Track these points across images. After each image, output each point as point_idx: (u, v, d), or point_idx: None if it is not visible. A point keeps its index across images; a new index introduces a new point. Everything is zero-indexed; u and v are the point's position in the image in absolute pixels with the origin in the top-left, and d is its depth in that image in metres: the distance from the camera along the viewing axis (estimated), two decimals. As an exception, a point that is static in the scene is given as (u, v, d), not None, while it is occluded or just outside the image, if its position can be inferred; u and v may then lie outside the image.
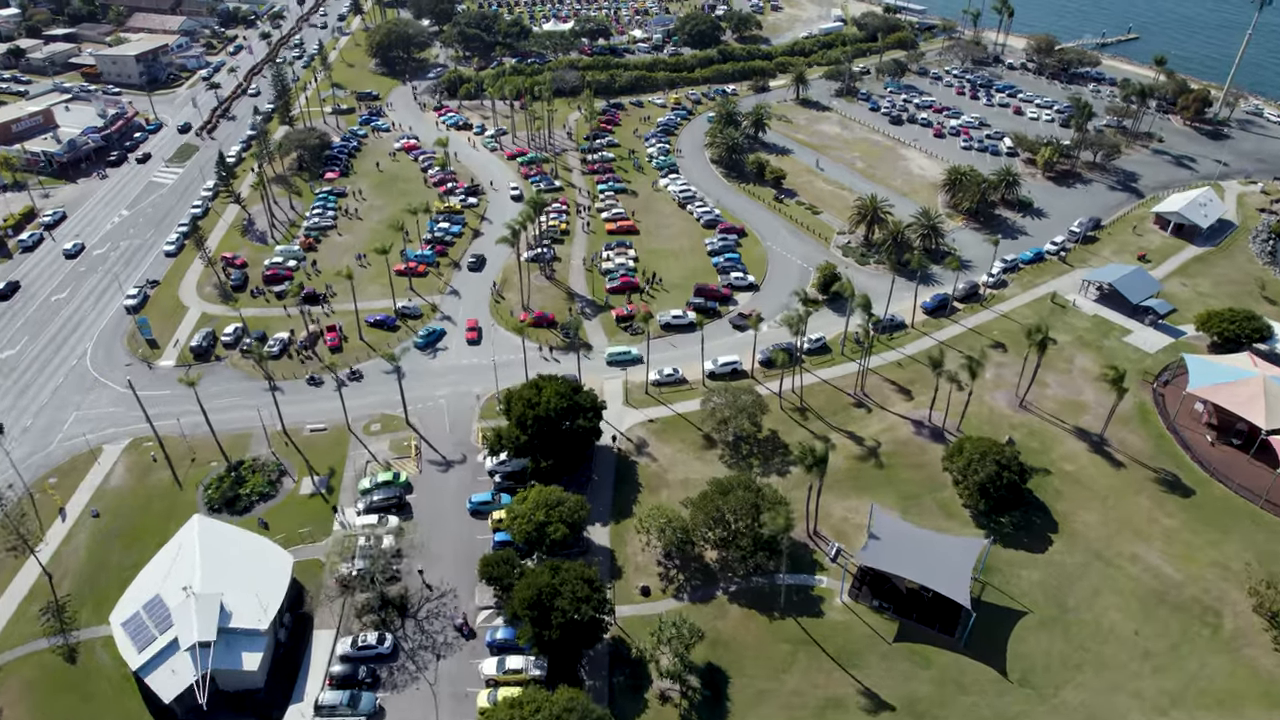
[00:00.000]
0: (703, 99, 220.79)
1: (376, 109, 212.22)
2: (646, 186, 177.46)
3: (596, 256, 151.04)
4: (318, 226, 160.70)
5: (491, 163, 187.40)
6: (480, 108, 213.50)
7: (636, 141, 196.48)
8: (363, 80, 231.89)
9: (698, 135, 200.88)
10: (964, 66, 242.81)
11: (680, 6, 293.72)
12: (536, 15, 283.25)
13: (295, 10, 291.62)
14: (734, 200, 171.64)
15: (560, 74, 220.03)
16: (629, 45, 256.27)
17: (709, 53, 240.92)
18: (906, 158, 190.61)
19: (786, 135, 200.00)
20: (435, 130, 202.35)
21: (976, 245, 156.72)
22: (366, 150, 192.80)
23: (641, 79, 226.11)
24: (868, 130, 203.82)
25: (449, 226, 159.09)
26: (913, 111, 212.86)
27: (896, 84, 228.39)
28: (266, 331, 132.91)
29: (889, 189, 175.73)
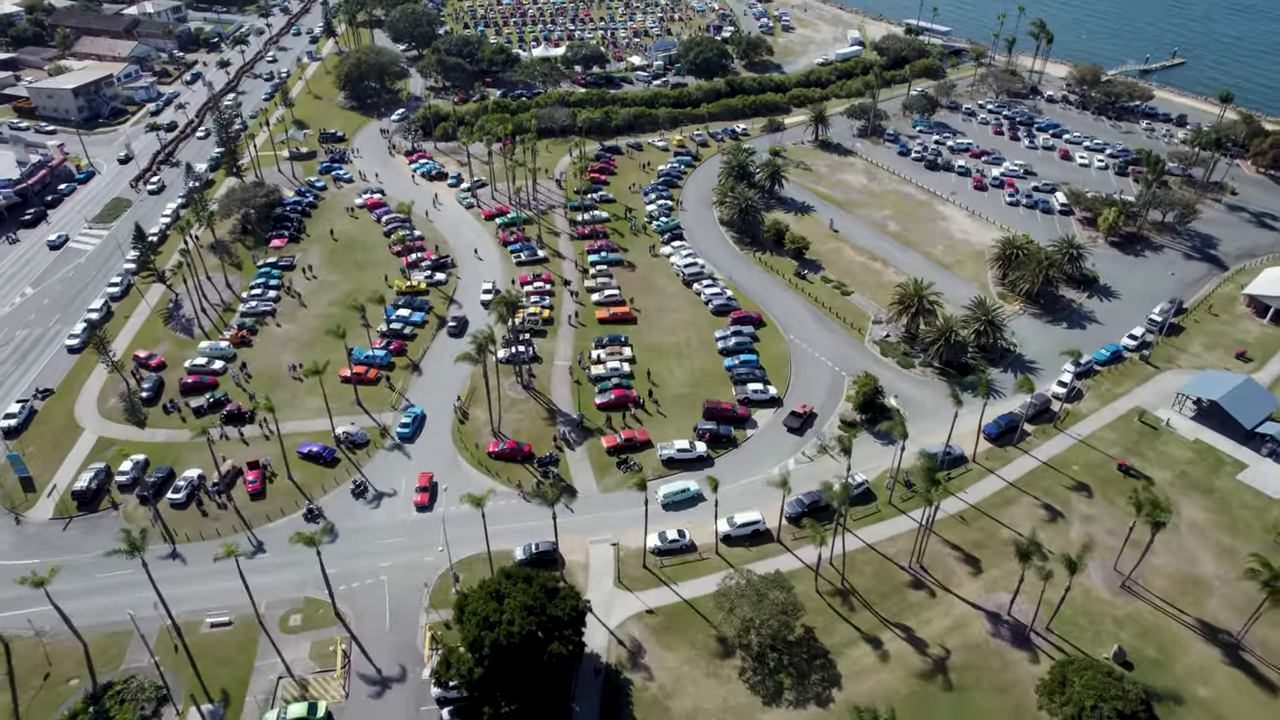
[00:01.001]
0: (709, 140, 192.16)
1: (340, 153, 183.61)
2: (645, 253, 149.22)
3: (584, 357, 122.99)
4: (255, 312, 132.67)
5: (466, 223, 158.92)
6: (458, 151, 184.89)
7: (634, 197, 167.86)
8: (329, 116, 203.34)
9: (704, 186, 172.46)
10: (999, 100, 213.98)
11: (683, 27, 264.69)
12: (527, 37, 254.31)
13: (265, 31, 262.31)
14: (748, 274, 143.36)
15: (548, 111, 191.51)
16: (626, 74, 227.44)
17: (716, 84, 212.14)
18: (945, 216, 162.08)
19: (806, 187, 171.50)
20: (406, 179, 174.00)
21: (1038, 335, 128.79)
22: (324, 207, 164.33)
23: (640, 116, 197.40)
24: (898, 181, 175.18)
25: (409, 314, 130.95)
26: (947, 156, 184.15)
27: (926, 123, 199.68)
28: (175, 466, 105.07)
29: (928, 259, 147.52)
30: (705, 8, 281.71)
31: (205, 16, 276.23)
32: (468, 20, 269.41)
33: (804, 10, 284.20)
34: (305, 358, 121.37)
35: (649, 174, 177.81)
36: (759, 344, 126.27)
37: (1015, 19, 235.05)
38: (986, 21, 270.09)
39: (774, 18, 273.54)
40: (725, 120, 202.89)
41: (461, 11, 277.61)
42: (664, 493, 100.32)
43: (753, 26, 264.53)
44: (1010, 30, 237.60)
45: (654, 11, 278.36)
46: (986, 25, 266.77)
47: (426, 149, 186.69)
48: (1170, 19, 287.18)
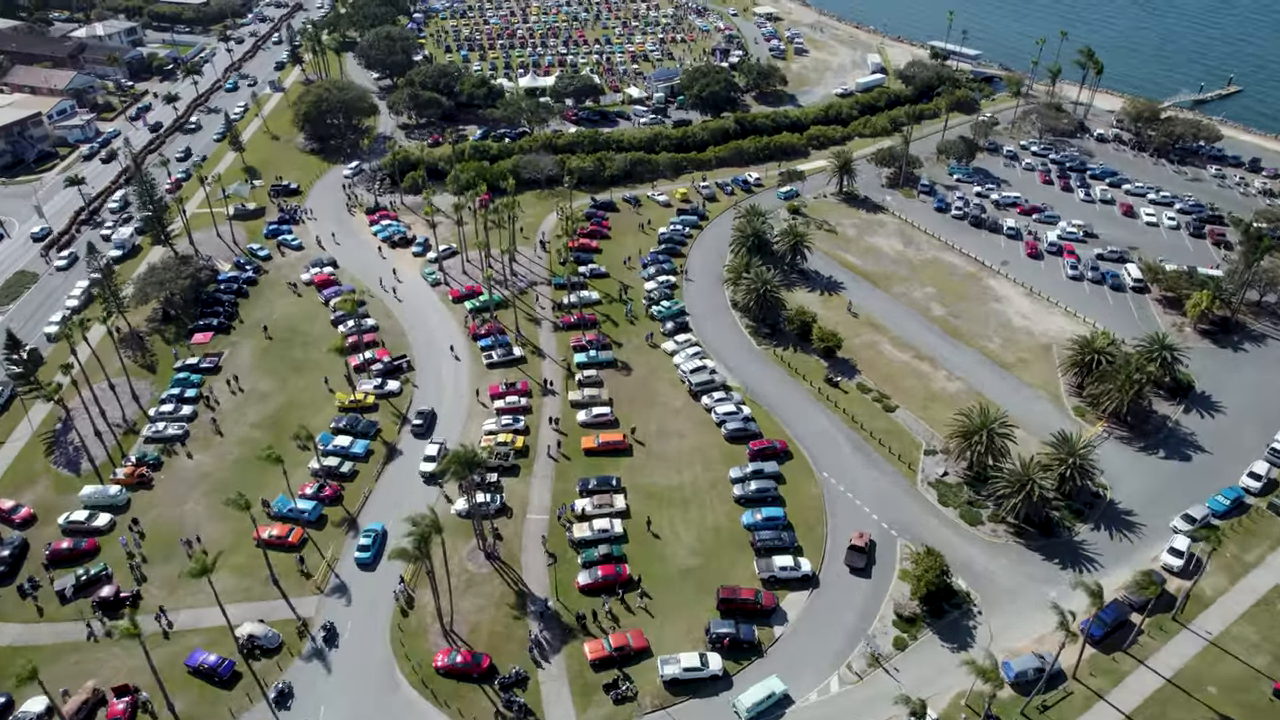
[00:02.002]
0: (718, 193, 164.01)
1: (291, 210, 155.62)
2: (642, 344, 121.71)
3: (566, 511, 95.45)
4: (161, 437, 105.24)
5: (431, 306, 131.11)
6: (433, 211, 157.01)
7: (631, 273, 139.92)
8: (285, 161, 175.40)
9: (713, 253, 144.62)
10: (1044, 140, 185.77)
11: (686, 50, 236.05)
12: (514, 62, 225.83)
13: (224, 57, 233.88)
14: (768, 379, 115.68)
15: (532, 158, 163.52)
16: (623, 108, 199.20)
17: (724, 122, 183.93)
18: (998, 295, 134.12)
19: (832, 255, 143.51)
20: (366, 245, 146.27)
21: (1132, 470, 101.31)
22: (265, 283, 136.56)
23: (638, 163, 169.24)
24: (938, 246, 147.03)
25: (348, 445, 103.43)
26: (993, 215, 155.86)
27: (965, 169, 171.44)
28: (15, 691, 77.58)
29: (984, 357, 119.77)
30: (710, 27, 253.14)
31: (164, 38, 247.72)
32: (451, 43, 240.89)
33: (818, 30, 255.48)
34: (222, 498, 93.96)
35: (649, 234, 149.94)
36: (785, 486, 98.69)
37: (1057, 44, 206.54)
38: (1020, 45, 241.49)
39: (785, 39, 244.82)
40: (735, 166, 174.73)
41: (444, 33, 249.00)
42: (746, 709, 73.86)
43: (762, 49, 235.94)
44: (1050, 56, 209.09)
45: (654, 32, 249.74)
46: (1020, 49, 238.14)
47: (394, 204, 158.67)
48: (1209, 36, 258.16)
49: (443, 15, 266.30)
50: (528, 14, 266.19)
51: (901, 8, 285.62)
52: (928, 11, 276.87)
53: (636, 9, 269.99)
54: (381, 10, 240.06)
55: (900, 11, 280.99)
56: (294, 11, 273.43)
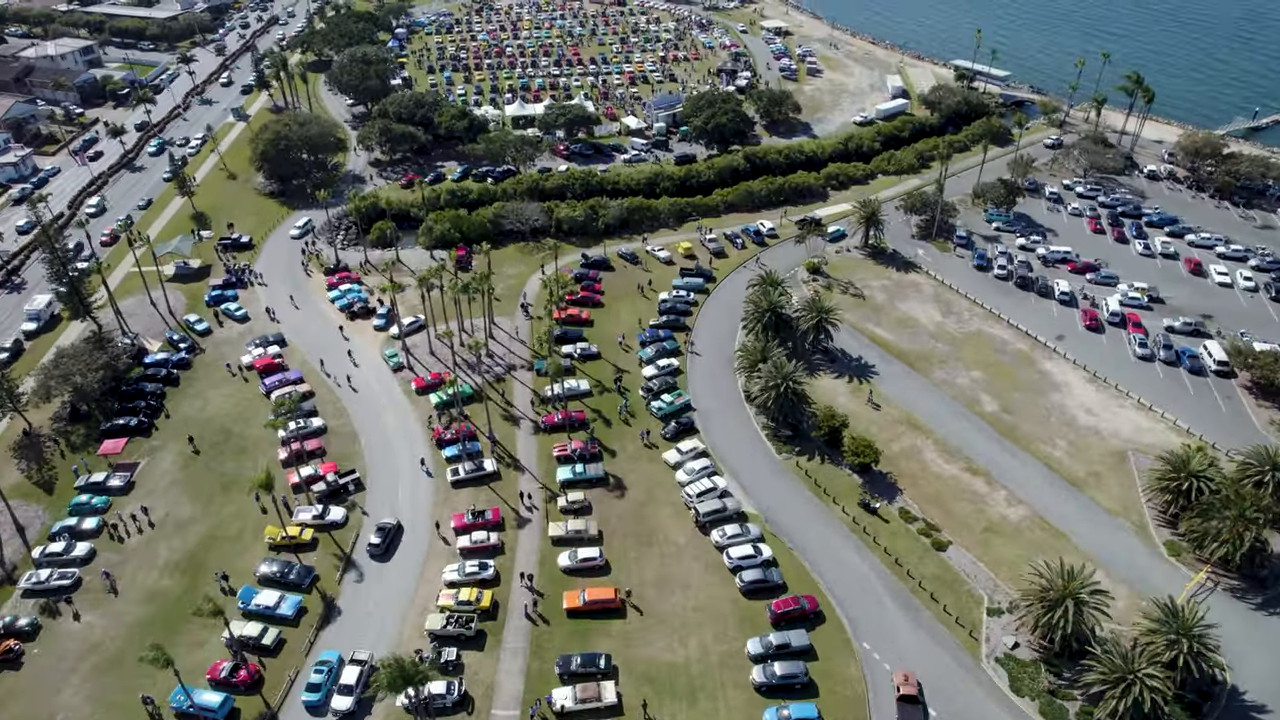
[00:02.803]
0: (726, 246, 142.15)
1: (239, 270, 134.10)
2: (639, 452, 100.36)
3: (538, 708, 74.12)
4: (43, 589, 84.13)
5: (391, 400, 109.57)
6: (396, 268, 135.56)
7: (627, 354, 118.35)
8: (241, 207, 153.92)
9: (723, 322, 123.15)
10: (1090, 178, 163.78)
11: (688, 69, 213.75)
12: (501, 84, 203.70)
13: (189, 78, 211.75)
14: (791, 502, 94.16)
15: (515, 206, 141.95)
16: (620, 140, 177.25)
17: (732, 159, 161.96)
18: (1057, 382, 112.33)
19: (860, 328, 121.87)
20: (323, 314, 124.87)
21: (1257, 646, 79.45)
22: (200, 367, 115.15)
23: (636, 211, 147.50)
24: (982, 316, 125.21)
25: (274, 603, 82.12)
26: (1041, 276, 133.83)
27: (1005, 216, 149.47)
28: None
29: (1049, 470, 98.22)
30: (714, 44, 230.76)
31: (125, 57, 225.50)
32: (434, 62, 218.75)
33: (831, 47, 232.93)
34: (112, 680, 72.92)
35: (649, 298, 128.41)
36: (816, 664, 77.34)
37: (1097, 67, 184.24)
38: (1052, 64, 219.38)
39: (796, 57, 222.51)
40: (745, 212, 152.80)
41: (427, 52, 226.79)
42: None
43: (772, 69, 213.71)
44: (1090, 79, 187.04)
45: (655, 49, 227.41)
46: (1052, 68, 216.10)
47: (363, 263, 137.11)
48: (1252, 54, 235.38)
49: (428, 30, 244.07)
50: (518, 29, 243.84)
51: (921, 22, 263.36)
52: (949, 26, 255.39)
53: (635, 23, 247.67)
54: (359, 28, 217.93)
55: (919, 26, 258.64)
56: (268, 27, 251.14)
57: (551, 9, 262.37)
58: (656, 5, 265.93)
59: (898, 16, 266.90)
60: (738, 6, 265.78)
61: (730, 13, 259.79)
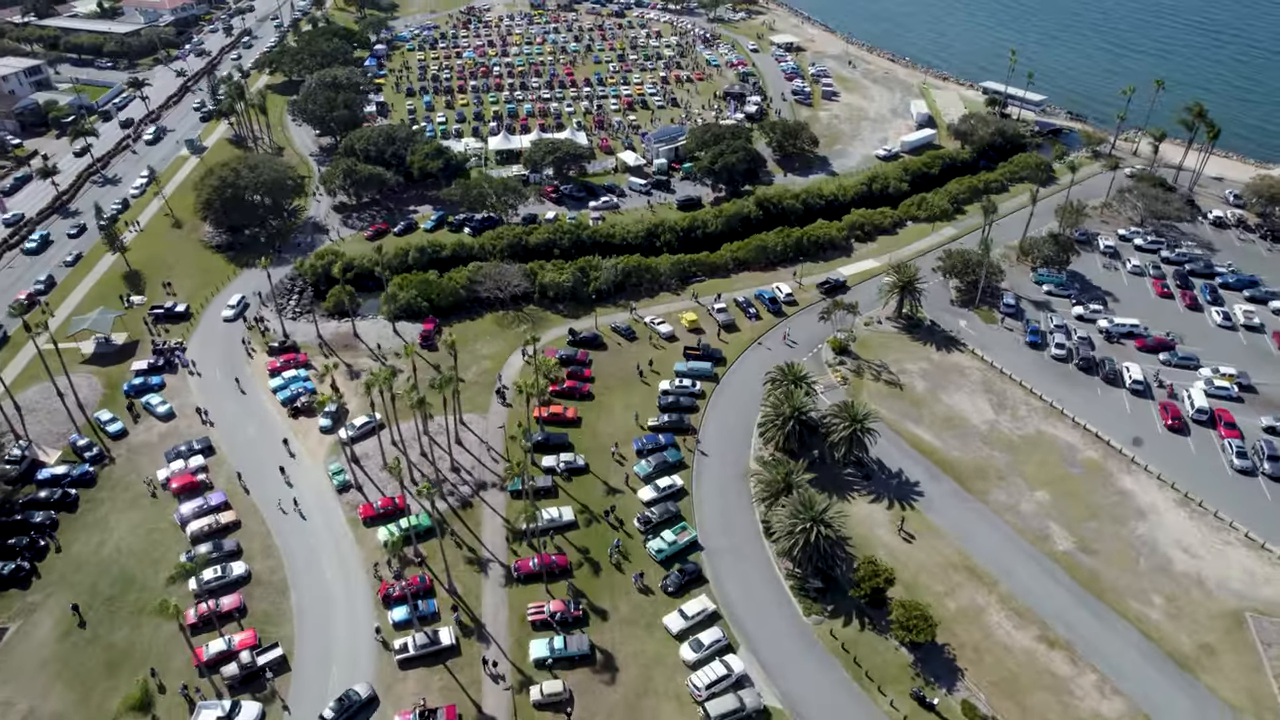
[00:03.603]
0: (738, 316, 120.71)
1: (169, 350, 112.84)
2: (633, 614, 79.51)
3: None
4: None
5: (332, 534, 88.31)
6: (353, 347, 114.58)
7: (621, 465, 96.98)
8: (184, 260, 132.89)
9: (737, 417, 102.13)
10: (1148, 226, 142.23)
11: (692, 92, 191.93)
12: (486, 109, 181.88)
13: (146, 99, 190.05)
14: (825, 692, 73.07)
15: (493, 270, 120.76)
16: (615, 177, 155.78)
17: (742, 204, 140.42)
18: (1142, 506, 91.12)
19: (898, 430, 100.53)
20: (264, 409, 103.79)
21: None
22: (108, 483, 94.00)
23: (633, 272, 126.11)
24: (1041, 411, 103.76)
25: None
26: (1108, 358, 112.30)
27: (1057, 278, 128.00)
28: None
29: (1145, 639, 77.24)
30: (719, 62, 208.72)
31: (77, 78, 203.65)
32: (414, 83, 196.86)
33: (847, 65, 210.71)
34: None
35: (649, 385, 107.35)
36: None
37: (1151, 96, 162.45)
38: (1088, 85, 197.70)
39: (810, 78, 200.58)
40: (758, 270, 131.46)
41: (407, 72, 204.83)
42: None
43: (784, 91, 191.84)
44: (1142, 109, 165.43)
45: (655, 68, 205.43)
46: (1087, 89, 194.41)
47: (314, 334, 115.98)
48: None
49: (409, 46, 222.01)
50: (507, 45, 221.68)
51: (940, 35, 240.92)
52: (972, 40, 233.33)
53: (634, 37, 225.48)
54: (332, 46, 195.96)
55: (940, 39, 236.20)
56: (237, 43, 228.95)
57: (544, 20, 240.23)
58: (657, 17, 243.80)
59: (916, 30, 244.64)
60: (745, 18, 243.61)
61: (737, 25, 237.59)
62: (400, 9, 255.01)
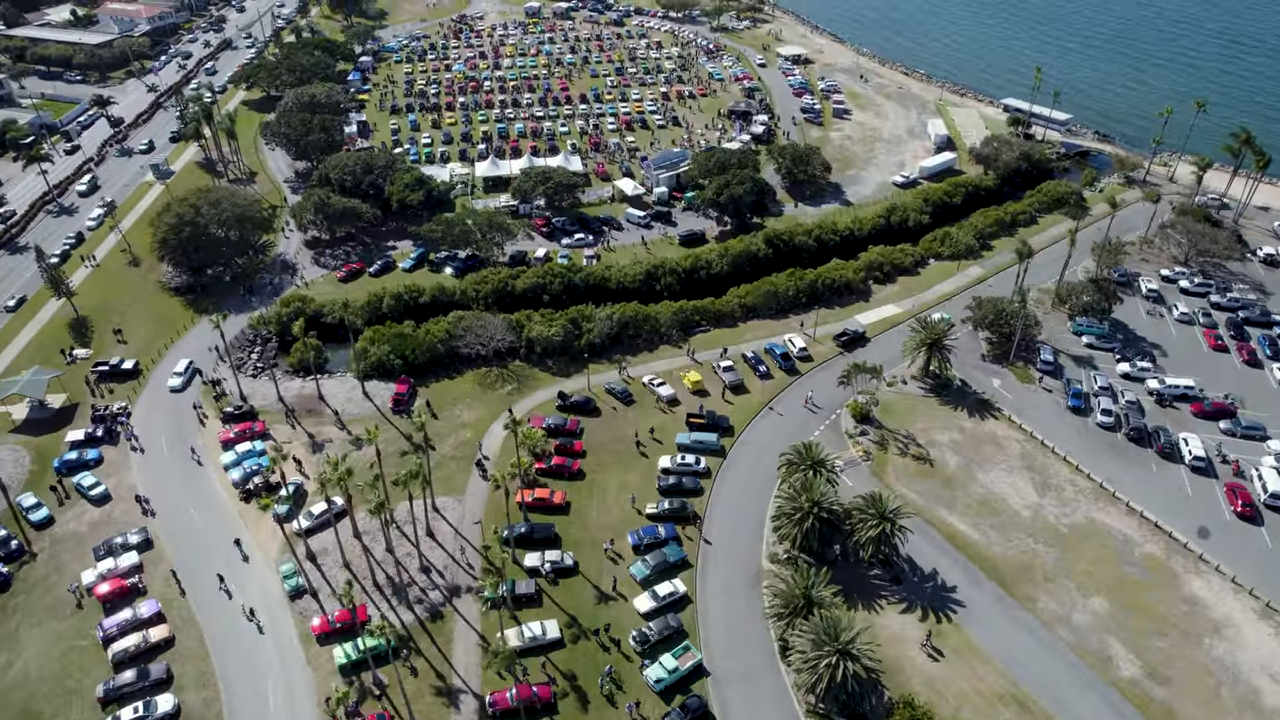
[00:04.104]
0: (746, 375, 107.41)
1: (109, 419, 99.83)
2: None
3: None
4: None
5: (281, 648, 75.46)
6: (318, 411, 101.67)
7: (616, 564, 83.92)
8: (139, 305, 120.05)
9: (747, 502, 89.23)
10: (1193, 265, 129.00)
11: (695, 110, 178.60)
12: (474, 132, 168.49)
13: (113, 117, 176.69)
14: None
15: (474, 324, 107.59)
16: (611, 207, 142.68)
17: (750, 241, 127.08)
18: (1215, 618, 78.08)
19: (929, 518, 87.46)
20: (213, 490, 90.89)
21: None
22: (23, 586, 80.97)
23: (630, 322, 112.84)
24: (1090, 493, 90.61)
25: None
26: (1161, 428, 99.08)
27: (1098, 329, 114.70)
28: None
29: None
30: (723, 75, 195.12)
31: (43, 93, 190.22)
32: (400, 99, 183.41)
33: (858, 79, 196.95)
34: None
35: (647, 456, 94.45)
36: None
37: (1189, 117, 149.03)
38: (1118, 104, 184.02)
39: (819, 93, 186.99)
40: (769, 318, 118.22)
41: (393, 86, 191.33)
42: None
43: (792, 109, 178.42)
44: (1179, 132, 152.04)
45: (655, 82, 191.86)
46: (1119, 111, 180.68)
47: (275, 397, 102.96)
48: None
49: (396, 58, 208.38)
50: (500, 57, 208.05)
51: (955, 46, 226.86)
52: (988, 52, 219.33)
53: (633, 48, 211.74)
54: (312, 61, 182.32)
55: (956, 53, 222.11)
56: (217, 54, 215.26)
57: (539, 30, 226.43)
58: (657, 27, 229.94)
59: (927, 40, 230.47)
60: (749, 27, 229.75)
61: (741, 35, 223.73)
62: (390, 17, 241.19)
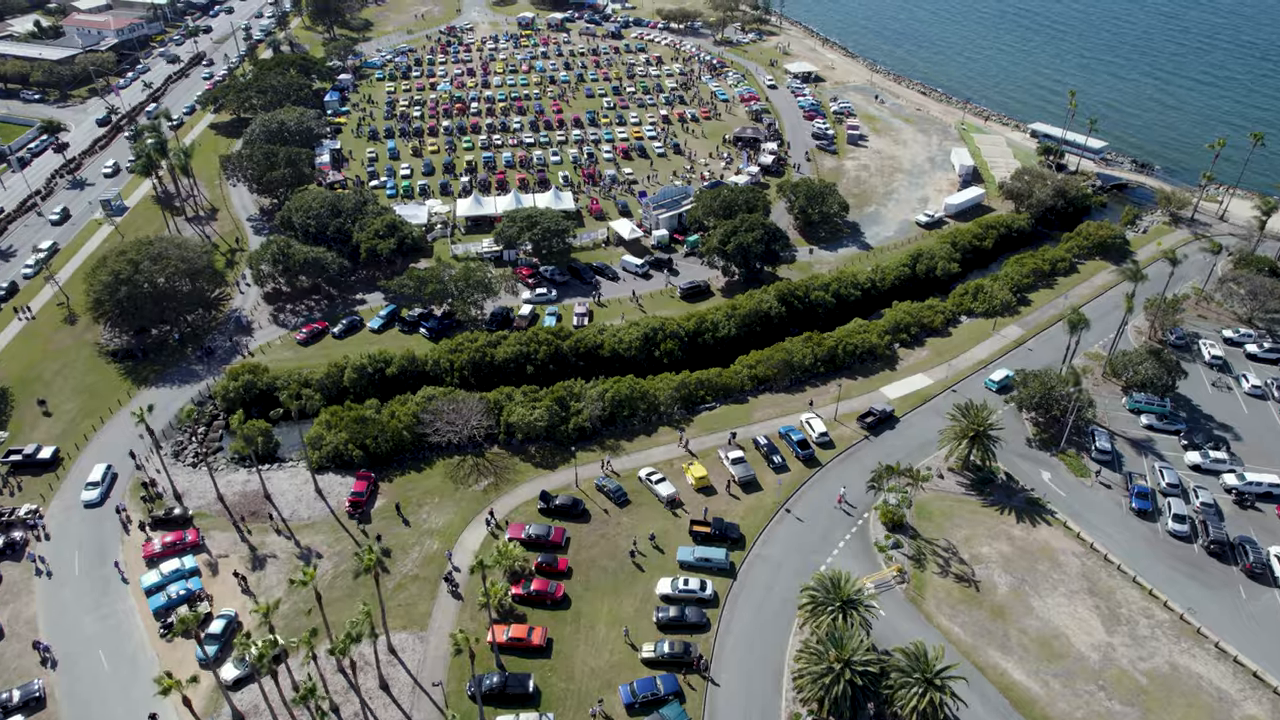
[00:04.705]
0: (759, 469, 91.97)
1: (18, 521, 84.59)
2: None
3: None
4: None
5: None
6: (261, 514, 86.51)
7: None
8: (70, 369, 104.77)
9: (761, 641, 74.13)
10: (1259, 323, 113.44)
11: (698, 136, 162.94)
12: (458, 162, 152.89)
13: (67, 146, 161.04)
14: None
15: (444, 407, 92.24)
16: (605, 260, 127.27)
17: (761, 298, 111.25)
18: (1336, 806, 63.48)
19: (977, 663, 72.21)
20: (129, 629, 75.82)
21: None
22: (-110, 756, 66.57)
23: (623, 403, 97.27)
24: (1169, 628, 75.50)
25: None
26: (1245, 538, 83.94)
27: (1159, 406, 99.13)
28: None
29: None
30: (728, 95, 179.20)
31: (6, 109, 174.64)
32: (379, 124, 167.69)
33: (875, 100, 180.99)
34: None
35: (644, 574, 79.33)
36: None
37: (1241, 149, 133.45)
38: (1158, 132, 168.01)
39: (831, 116, 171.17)
40: (783, 391, 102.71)
41: (373, 106, 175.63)
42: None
43: (803, 134, 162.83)
44: (1230, 166, 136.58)
45: (655, 104, 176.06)
46: (1162, 139, 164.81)
47: (214, 495, 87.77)
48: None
49: (379, 75, 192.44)
50: (489, 74, 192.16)
51: (972, 60, 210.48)
52: (1009, 68, 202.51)
53: (632, 65, 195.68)
54: (285, 81, 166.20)
55: (976, 68, 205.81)
56: (188, 70, 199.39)
57: (533, 43, 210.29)
58: (658, 39, 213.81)
59: (943, 53, 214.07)
60: (755, 40, 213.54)
61: (746, 49, 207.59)
62: (375, 28, 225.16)
